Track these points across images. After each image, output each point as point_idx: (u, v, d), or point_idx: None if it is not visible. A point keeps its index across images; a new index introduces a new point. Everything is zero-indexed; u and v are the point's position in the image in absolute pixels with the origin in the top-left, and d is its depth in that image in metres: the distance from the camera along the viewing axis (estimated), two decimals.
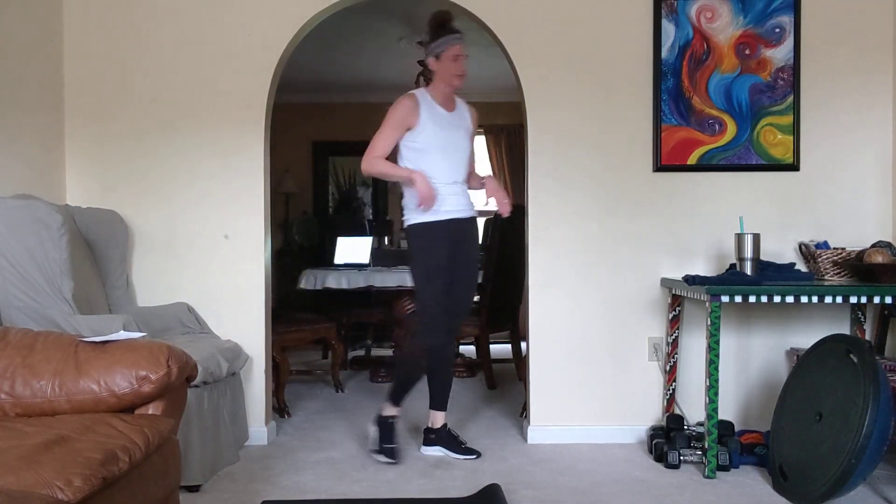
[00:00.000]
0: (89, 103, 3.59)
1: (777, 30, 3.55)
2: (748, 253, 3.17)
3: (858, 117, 3.56)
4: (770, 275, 3.17)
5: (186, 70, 3.58)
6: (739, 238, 3.20)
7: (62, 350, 2.12)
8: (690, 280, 3.14)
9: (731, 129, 3.56)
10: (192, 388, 2.65)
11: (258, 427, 3.55)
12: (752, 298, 3.02)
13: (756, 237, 3.18)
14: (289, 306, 6.30)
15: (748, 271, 3.16)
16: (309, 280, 5.14)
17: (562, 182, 3.59)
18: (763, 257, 3.33)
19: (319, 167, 7.91)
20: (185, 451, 2.68)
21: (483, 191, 3.30)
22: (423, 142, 3.18)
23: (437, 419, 3.42)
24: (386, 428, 3.31)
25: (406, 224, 3.28)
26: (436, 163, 3.19)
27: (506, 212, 3.23)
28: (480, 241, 4.87)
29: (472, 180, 3.41)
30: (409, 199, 3.25)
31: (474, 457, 3.30)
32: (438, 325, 3.22)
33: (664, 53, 3.54)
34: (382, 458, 3.24)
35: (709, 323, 3.02)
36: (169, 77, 3.58)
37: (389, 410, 3.35)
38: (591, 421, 3.55)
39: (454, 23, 3.23)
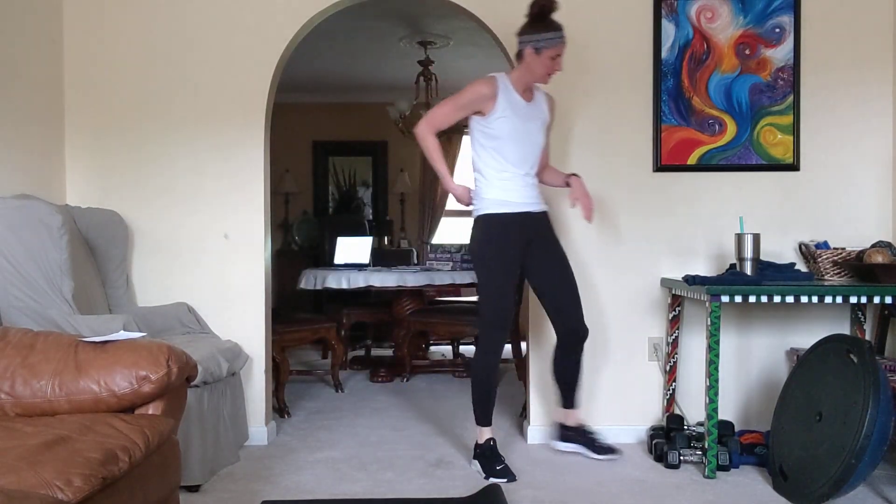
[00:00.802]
0: (89, 104, 3.59)
1: (777, 30, 3.55)
2: (748, 253, 3.17)
3: (858, 117, 3.56)
4: (770, 275, 3.17)
5: (187, 70, 3.58)
6: (739, 238, 3.20)
7: (62, 350, 2.12)
8: (690, 280, 3.14)
9: (731, 129, 3.56)
10: (192, 388, 2.65)
11: (258, 427, 3.55)
12: (752, 298, 3.02)
13: (756, 237, 3.18)
14: (289, 306, 6.30)
15: (748, 271, 3.15)
16: (309, 280, 5.15)
17: None
18: (763, 257, 3.33)
19: (319, 167, 7.91)
20: (185, 451, 2.68)
21: (566, 189, 3.18)
22: (498, 129, 3.05)
23: (572, 417, 3.30)
24: (487, 452, 3.11)
25: (474, 214, 3.14)
26: (508, 151, 3.06)
27: (590, 218, 3.10)
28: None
29: (550, 175, 3.30)
30: (479, 187, 3.12)
31: (614, 456, 3.21)
32: (499, 326, 3.08)
33: (664, 53, 3.55)
34: (502, 481, 2.98)
35: (709, 323, 3.02)
36: (169, 77, 3.58)
37: (482, 435, 3.16)
38: (591, 421, 3.54)
39: (555, 13, 3.06)
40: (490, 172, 3.10)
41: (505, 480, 2.99)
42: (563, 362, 3.25)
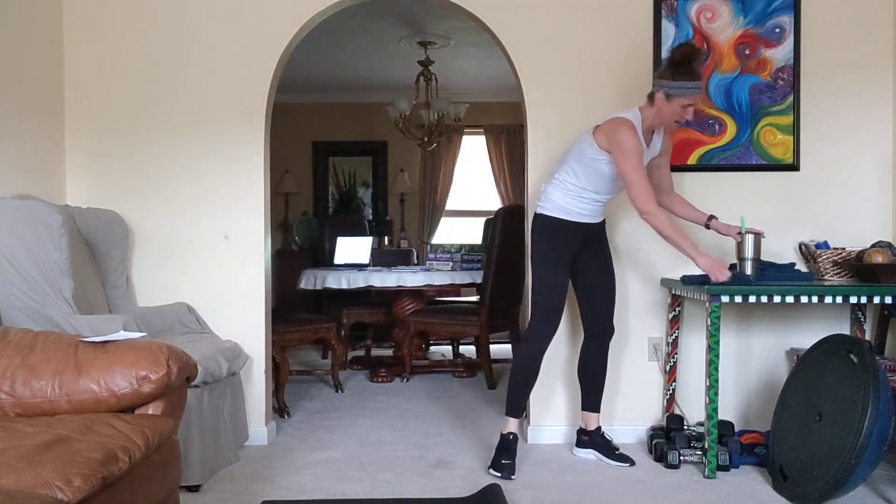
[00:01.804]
0: (89, 104, 3.59)
1: (777, 30, 3.55)
2: (749, 253, 3.16)
3: (858, 117, 3.56)
4: (770, 275, 3.17)
5: (187, 70, 3.58)
6: (741, 238, 3.20)
7: (62, 350, 2.12)
8: (687, 280, 3.14)
9: (731, 129, 3.56)
10: (192, 388, 2.65)
11: (258, 427, 3.55)
12: (752, 298, 3.02)
13: (757, 237, 3.18)
14: (289, 306, 6.30)
15: (748, 271, 3.15)
16: (309, 280, 5.15)
17: None
18: (763, 257, 3.32)
19: (319, 167, 7.92)
20: (185, 451, 2.68)
21: (714, 229, 3.24)
22: (606, 169, 3.06)
23: (591, 421, 3.34)
24: (505, 444, 3.14)
25: (536, 211, 3.21)
26: (601, 185, 3.11)
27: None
28: (492, 241, 4.89)
29: (686, 210, 3.29)
30: (553, 189, 3.16)
31: (628, 464, 3.20)
32: (549, 321, 3.15)
33: (664, 53, 3.53)
34: (494, 473, 3.07)
35: (709, 323, 3.02)
36: (169, 77, 3.58)
37: (507, 426, 3.18)
38: None
39: (699, 63, 3.04)
40: (571, 187, 3.13)
41: (499, 475, 3.03)
42: (588, 362, 3.33)
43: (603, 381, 3.34)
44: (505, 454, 3.12)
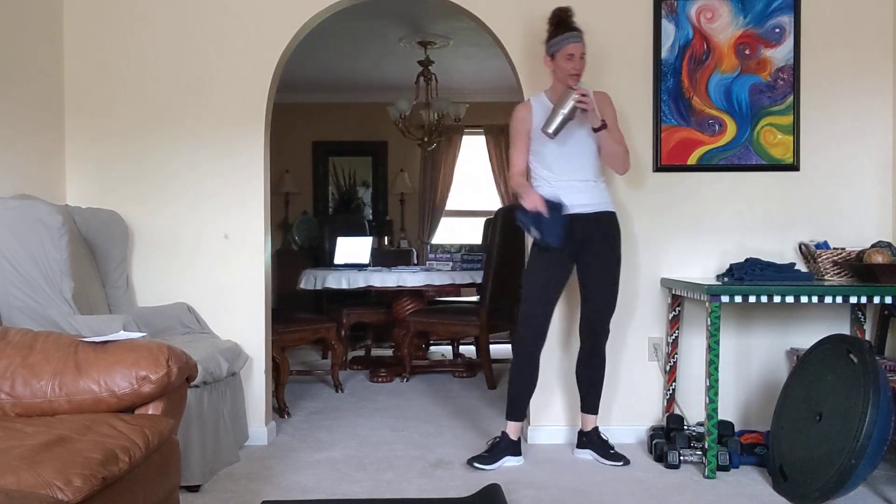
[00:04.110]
0: (90, 104, 3.59)
1: (777, 30, 3.55)
2: (565, 106, 3.00)
3: (858, 117, 3.56)
4: (770, 275, 3.17)
5: (187, 70, 3.58)
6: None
7: (62, 350, 2.12)
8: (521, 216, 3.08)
9: (731, 129, 3.56)
10: (192, 388, 2.65)
11: (258, 427, 3.55)
12: (752, 298, 3.02)
13: (584, 97, 2.99)
14: (289, 306, 6.30)
15: (552, 123, 3.00)
16: (309, 280, 5.15)
17: None
18: (763, 257, 3.33)
19: (319, 167, 7.92)
20: (185, 451, 2.68)
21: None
22: (540, 147, 3.18)
23: (588, 422, 3.36)
24: (494, 443, 3.25)
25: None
26: (550, 162, 3.18)
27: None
28: (492, 241, 4.88)
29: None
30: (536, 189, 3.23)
31: (621, 464, 3.22)
32: (532, 323, 3.18)
33: (664, 53, 3.55)
34: (476, 464, 3.15)
35: (709, 323, 3.02)
36: (169, 77, 3.58)
37: (508, 428, 3.24)
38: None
39: (573, 19, 3.16)
40: (539, 181, 3.23)
41: (485, 467, 3.12)
42: (584, 364, 3.33)
43: (600, 383, 3.34)
44: (489, 449, 3.23)
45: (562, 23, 3.15)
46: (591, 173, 3.21)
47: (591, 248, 3.20)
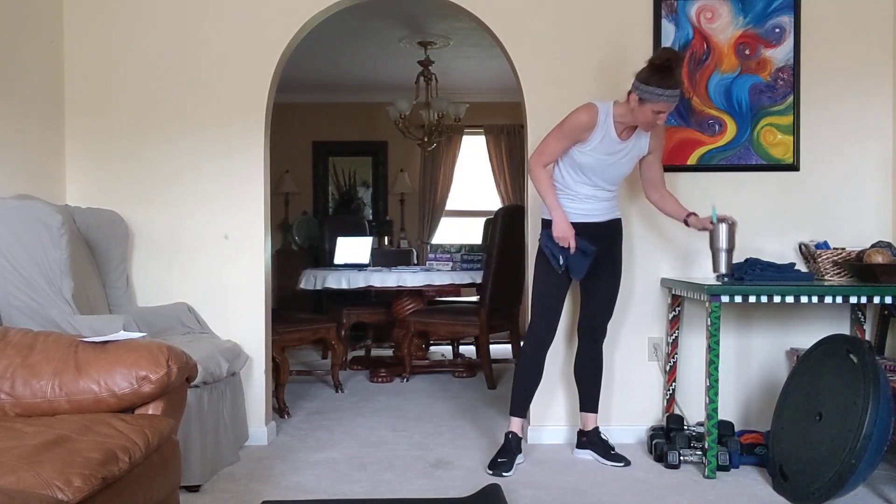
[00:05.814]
0: (90, 104, 3.59)
1: (777, 30, 3.55)
2: (723, 243, 3.08)
3: (858, 117, 3.56)
4: (770, 275, 3.17)
5: (187, 70, 3.58)
6: (714, 227, 3.10)
7: (62, 350, 2.12)
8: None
9: (731, 129, 3.56)
10: (192, 388, 2.65)
11: (258, 427, 3.55)
12: (752, 298, 3.02)
13: (731, 226, 3.09)
14: (289, 306, 6.30)
15: (722, 264, 3.08)
16: (309, 280, 5.15)
17: None
18: (763, 257, 3.33)
19: (319, 167, 7.91)
20: (185, 451, 2.68)
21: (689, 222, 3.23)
22: (581, 161, 3.10)
23: (588, 421, 3.36)
24: (504, 443, 3.22)
25: (543, 214, 3.24)
26: (583, 180, 3.14)
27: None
28: (492, 241, 4.89)
29: (671, 206, 3.27)
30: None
31: (622, 464, 3.21)
32: (544, 323, 3.20)
33: None
34: (488, 471, 3.11)
35: (709, 323, 3.02)
36: (169, 77, 3.58)
37: (510, 426, 3.26)
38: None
39: (678, 70, 2.95)
40: (561, 187, 3.18)
41: (491, 473, 3.08)
42: (582, 364, 3.35)
43: (598, 383, 3.35)
44: (501, 453, 3.17)
45: (668, 73, 2.88)
46: (616, 188, 3.24)
47: (603, 250, 3.21)
